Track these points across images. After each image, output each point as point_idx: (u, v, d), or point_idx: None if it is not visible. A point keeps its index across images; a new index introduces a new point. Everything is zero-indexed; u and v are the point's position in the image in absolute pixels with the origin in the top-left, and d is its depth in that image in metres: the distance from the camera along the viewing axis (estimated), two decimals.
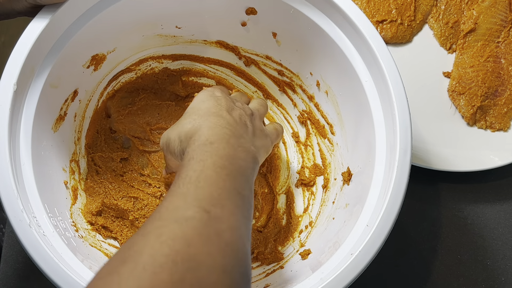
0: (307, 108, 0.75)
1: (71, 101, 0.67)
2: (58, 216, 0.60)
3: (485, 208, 0.75)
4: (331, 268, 0.55)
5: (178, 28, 0.72)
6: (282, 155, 0.77)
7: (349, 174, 0.67)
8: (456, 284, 0.71)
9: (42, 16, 0.58)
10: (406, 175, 0.57)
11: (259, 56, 0.75)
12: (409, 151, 0.57)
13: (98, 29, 0.64)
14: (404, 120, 0.58)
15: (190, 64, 0.77)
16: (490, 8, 0.80)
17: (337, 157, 0.71)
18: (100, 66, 0.69)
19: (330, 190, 0.71)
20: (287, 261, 0.68)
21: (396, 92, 0.59)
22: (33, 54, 0.57)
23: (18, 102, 0.57)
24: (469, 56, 0.79)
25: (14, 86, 0.56)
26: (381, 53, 0.60)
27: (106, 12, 0.63)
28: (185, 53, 0.76)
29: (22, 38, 0.57)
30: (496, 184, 0.76)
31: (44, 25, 0.57)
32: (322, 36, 0.66)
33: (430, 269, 0.71)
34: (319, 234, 0.68)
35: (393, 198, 0.56)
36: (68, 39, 0.61)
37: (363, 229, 0.57)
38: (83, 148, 0.71)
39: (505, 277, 0.71)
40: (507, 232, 0.74)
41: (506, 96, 0.78)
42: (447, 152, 0.76)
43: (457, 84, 0.78)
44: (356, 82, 0.64)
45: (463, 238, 0.73)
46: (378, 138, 0.61)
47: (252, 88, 0.78)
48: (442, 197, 0.75)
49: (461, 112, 0.78)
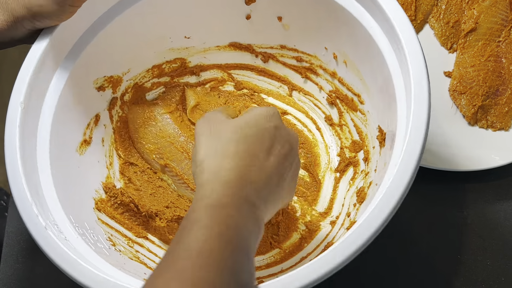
0: (333, 87, 0.72)
1: (94, 125, 0.68)
2: (89, 229, 0.60)
3: (485, 208, 0.73)
4: (363, 217, 0.50)
5: (187, 38, 0.73)
6: (318, 141, 0.73)
7: (382, 134, 0.62)
8: (456, 284, 0.69)
9: (44, 36, 0.60)
10: (426, 105, 0.51)
11: (274, 48, 0.74)
12: (425, 81, 0.53)
13: (102, 49, 0.66)
14: (414, 51, 0.54)
15: (210, 75, 0.77)
16: (490, 8, 0.78)
17: (371, 125, 0.67)
18: (118, 89, 0.71)
19: (371, 160, 0.66)
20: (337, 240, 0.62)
21: (407, 42, 0.55)
22: (39, 73, 0.59)
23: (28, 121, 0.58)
24: (470, 56, 0.77)
25: (21, 104, 0.57)
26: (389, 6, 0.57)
27: (108, 29, 0.65)
28: (204, 63, 0.76)
29: (29, 56, 0.59)
30: (496, 184, 0.74)
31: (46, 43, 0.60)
32: (327, 3, 0.64)
33: (430, 269, 0.69)
34: (365, 206, 0.62)
35: (415, 131, 0.51)
36: (74, 60, 0.63)
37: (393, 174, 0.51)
38: (117, 172, 0.71)
39: (505, 277, 0.69)
40: (507, 232, 0.72)
41: (507, 96, 0.75)
42: (448, 151, 0.73)
43: (458, 83, 0.76)
44: (366, 37, 0.61)
45: (463, 238, 0.71)
46: (397, 92, 0.57)
47: (276, 83, 0.76)
48: (442, 197, 0.73)
49: (462, 111, 0.76)
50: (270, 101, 0.76)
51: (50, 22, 0.60)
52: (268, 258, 0.67)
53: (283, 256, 0.67)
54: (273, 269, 0.66)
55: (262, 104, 0.76)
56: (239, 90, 0.77)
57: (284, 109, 0.76)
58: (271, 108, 0.52)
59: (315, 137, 0.74)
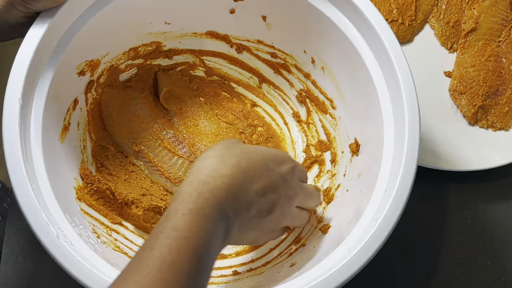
0: (304, 87, 0.76)
1: (73, 110, 0.67)
2: (80, 225, 0.60)
3: (485, 208, 0.74)
4: (357, 237, 0.56)
5: (167, 24, 0.72)
6: (286, 136, 0.77)
7: (357, 145, 0.68)
8: (456, 284, 0.71)
9: (38, 25, 0.58)
10: (417, 135, 0.58)
11: (250, 41, 0.76)
12: (417, 111, 0.58)
13: (92, 34, 0.64)
14: (408, 83, 0.59)
15: (182, 59, 0.77)
16: (491, 8, 0.80)
17: (342, 131, 0.72)
18: (96, 72, 0.69)
19: (339, 163, 0.72)
20: (307, 238, 0.69)
21: (396, 56, 0.60)
22: (33, 66, 0.57)
23: (24, 117, 0.57)
24: (470, 56, 0.80)
25: (20, 100, 0.55)
26: (376, 20, 0.61)
27: (99, 16, 0.63)
28: (178, 48, 0.76)
29: (21, 50, 0.57)
30: (496, 184, 0.76)
31: (41, 34, 0.57)
32: (314, 12, 0.66)
33: (430, 269, 0.71)
34: (335, 207, 0.69)
35: (408, 160, 0.57)
36: (64, 47, 0.61)
37: (382, 194, 0.58)
38: (90, 156, 0.71)
39: (505, 277, 0.71)
40: (507, 232, 0.74)
41: (507, 95, 0.78)
42: (448, 151, 0.76)
43: (458, 83, 0.79)
44: (352, 53, 0.65)
45: (463, 238, 0.73)
46: (383, 105, 0.62)
47: (247, 74, 0.78)
48: (442, 197, 0.75)
49: (462, 111, 0.79)
50: (240, 91, 0.79)
51: (44, 3, 0.57)
52: (237, 246, 0.72)
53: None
54: (244, 257, 0.71)
55: (232, 94, 0.78)
56: (209, 76, 0.78)
57: (254, 101, 0.78)
58: (289, 158, 0.56)
59: (282, 131, 0.78)
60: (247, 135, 0.77)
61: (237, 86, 0.79)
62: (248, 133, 0.77)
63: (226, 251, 0.71)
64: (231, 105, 0.78)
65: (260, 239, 0.57)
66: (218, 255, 0.67)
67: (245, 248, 0.71)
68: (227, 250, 0.71)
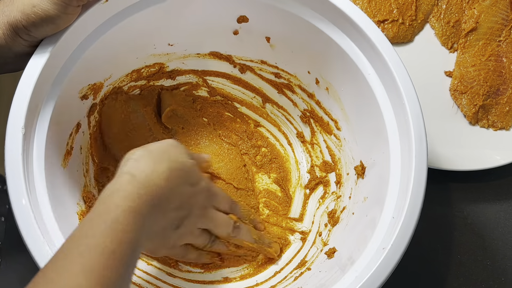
0: (308, 107, 0.75)
1: (75, 134, 0.66)
2: None
3: (485, 208, 0.74)
4: (365, 265, 0.56)
5: (170, 45, 0.72)
6: (290, 156, 0.77)
7: (362, 168, 0.67)
8: (456, 284, 0.71)
9: (40, 53, 0.57)
10: (424, 162, 0.57)
11: (254, 61, 0.75)
12: (424, 138, 0.58)
13: (95, 59, 0.63)
14: (414, 107, 0.59)
15: (185, 79, 0.76)
16: (491, 7, 0.80)
17: (347, 152, 0.71)
18: (98, 95, 0.69)
19: (344, 185, 0.71)
20: (313, 262, 0.68)
21: (402, 80, 0.60)
22: (35, 95, 0.57)
23: (27, 145, 0.56)
24: (471, 55, 0.80)
25: (22, 129, 0.55)
26: (382, 45, 0.60)
27: (101, 40, 0.63)
28: (181, 68, 0.75)
29: (23, 79, 0.56)
30: (496, 183, 0.76)
31: (43, 62, 0.57)
32: (318, 34, 0.66)
33: (430, 269, 0.71)
34: (340, 231, 0.68)
35: (416, 187, 0.56)
36: (67, 73, 0.61)
37: (390, 221, 0.57)
38: (93, 179, 0.70)
39: (505, 277, 0.71)
40: (507, 232, 0.74)
41: (508, 95, 0.78)
42: (449, 151, 0.76)
43: (459, 83, 0.79)
44: (358, 76, 0.64)
45: (463, 238, 0.73)
46: (389, 129, 0.62)
47: (250, 94, 0.78)
48: (442, 197, 0.75)
49: (463, 111, 0.79)
50: (244, 111, 0.78)
51: (46, 29, 0.56)
52: (241, 269, 0.71)
53: (256, 268, 0.71)
54: (248, 281, 0.70)
55: (235, 114, 0.78)
56: (212, 96, 0.78)
57: (258, 121, 0.78)
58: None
59: (286, 152, 0.77)
60: (250, 156, 0.76)
61: (240, 106, 0.78)
62: (252, 154, 0.76)
63: (230, 274, 0.70)
64: (235, 126, 0.77)
65: (159, 251, 0.61)
66: (222, 279, 0.68)
67: (249, 271, 0.71)
68: (231, 274, 0.70)
